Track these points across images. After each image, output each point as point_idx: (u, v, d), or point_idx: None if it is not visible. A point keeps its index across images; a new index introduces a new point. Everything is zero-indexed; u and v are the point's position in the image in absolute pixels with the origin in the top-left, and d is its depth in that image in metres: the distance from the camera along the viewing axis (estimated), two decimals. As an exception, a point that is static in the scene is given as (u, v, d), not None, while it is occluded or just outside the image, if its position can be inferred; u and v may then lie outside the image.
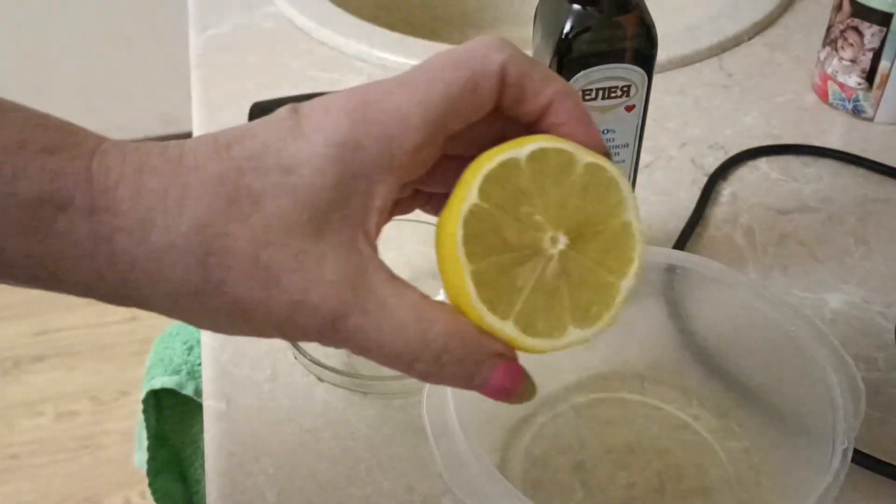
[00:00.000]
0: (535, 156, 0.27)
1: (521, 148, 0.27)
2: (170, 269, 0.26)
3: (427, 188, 0.32)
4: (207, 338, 0.50)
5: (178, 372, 0.67)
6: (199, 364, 0.67)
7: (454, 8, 0.95)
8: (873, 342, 0.49)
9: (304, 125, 0.28)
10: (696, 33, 0.75)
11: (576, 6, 0.42)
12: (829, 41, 0.66)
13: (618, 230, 0.28)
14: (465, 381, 0.28)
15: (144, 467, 0.72)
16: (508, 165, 0.27)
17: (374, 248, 0.28)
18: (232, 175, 0.27)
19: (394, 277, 0.28)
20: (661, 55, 0.45)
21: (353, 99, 0.28)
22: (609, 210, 0.28)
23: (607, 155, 0.29)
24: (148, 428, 0.70)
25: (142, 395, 0.68)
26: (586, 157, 0.27)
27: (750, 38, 0.77)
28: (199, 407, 0.67)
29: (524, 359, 0.29)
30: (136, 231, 0.26)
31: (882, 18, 0.61)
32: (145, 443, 0.71)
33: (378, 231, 0.29)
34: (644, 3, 0.43)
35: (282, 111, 0.29)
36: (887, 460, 0.42)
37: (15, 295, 1.72)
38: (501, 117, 0.30)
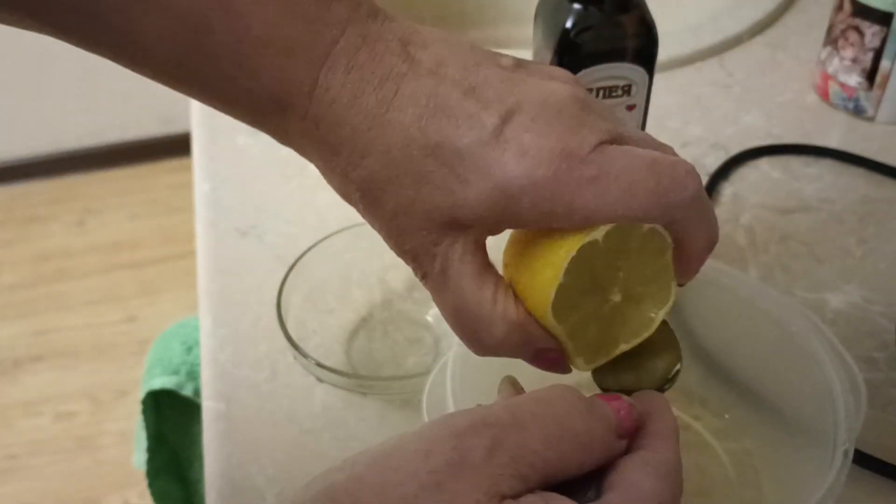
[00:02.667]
0: (610, 234, 0.31)
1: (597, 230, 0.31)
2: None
3: None
4: (207, 338, 0.50)
5: (177, 372, 0.67)
6: (199, 364, 0.67)
7: (454, 7, 0.95)
8: (874, 342, 0.49)
9: (501, 142, 0.29)
10: (697, 33, 0.75)
11: (577, 5, 0.42)
12: (830, 41, 0.66)
13: (662, 277, 0.33)
14: (517, 357, 0.33)
15: (143, 468, 0.72)
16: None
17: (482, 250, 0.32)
18: (416, 150, 0.29)
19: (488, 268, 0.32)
20: (662, 54, 0.44)
21: (555, 154, 0.29)
22: (657, 264, 0.32)
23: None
24: (147, 428, 0.70)
25: (141, 395, 0.68)
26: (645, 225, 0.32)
27: (751, 38, 0.76)
28: (199, 407, 0.67)
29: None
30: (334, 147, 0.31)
31: (882, 18, 0.61)
32: (144, 443, 0.71)
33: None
34: (645, 3, 0.43)
35: (490, 118, 0.29)
36: (887, 460, 0.42)
37: (15, 295, 1.72)
38: None
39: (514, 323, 0.32)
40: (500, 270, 0.33)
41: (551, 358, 0.33)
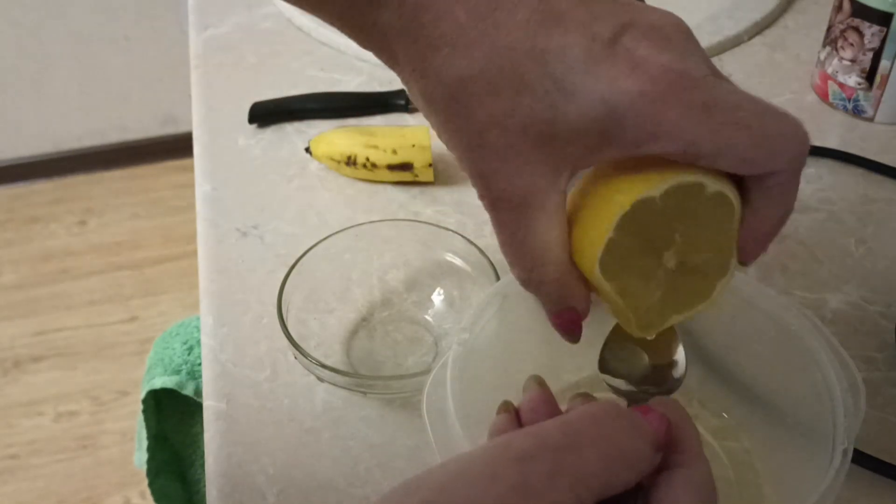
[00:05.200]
0: (669, 192, 0.30)
1: (660, 184, 0.30)
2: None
3: None
4: (208, 338, 0.50)
5: (178, 372, 0.67)
6: (199, 364, 0.67)
7: None
8: (873, 342, 0.49)
9: (612, 54, 0.28)
10: (697, 33, 0.74)
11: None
12: (830, 41, 0.66)
13: (723, 247, 0.32)
14: (546, 304, 0.34)
15: (144, 467, 0.72)
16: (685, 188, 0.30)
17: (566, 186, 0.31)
18: (522, 56, 0.28)
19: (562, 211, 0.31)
20: (661, 55, 0.45)
21: (668, 72, 0.28)
22: (719, 231, 0.31)
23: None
24: (148, 428, 0.70)
25: (142, 395, 0.68)
26: (714, 185, 0.30)
27: (750, 38, 0.77)
28: (199, 407, 0.67)
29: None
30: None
31: (882, 18, 0.61)
32: (145, 443, 0.71)
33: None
34: (645, 3, 0.43)
35: (604, 29, 0.28)
36: (887, 460, 0.42)
37: (16, 295, 1.72)
38: None
39: (565, 272, 0.32)
40: None
41: (572, 319, 0.33)
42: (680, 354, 0.37)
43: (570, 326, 0.34)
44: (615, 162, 0.31)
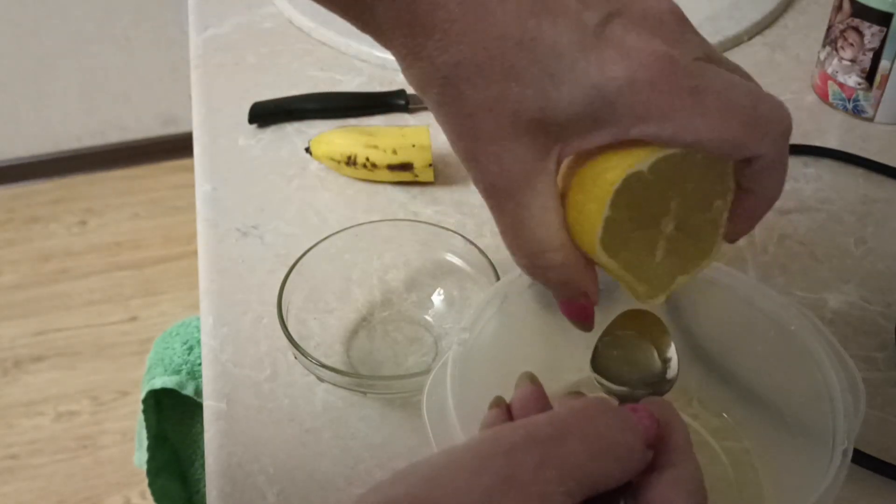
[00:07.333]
0: (656, 164, 0.30)
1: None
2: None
3: None
4: (208, 338, 0.50)
5: (178, 372, 0.67)
6: (199, 364, 0.67)
7: None
8: (873, 342, 0.49)
9: (602, 41, 0.28)
10: (696, 33, 0.75)
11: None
12: (829, 41, 0.66)
13: (718, 193, 0.32)
14: (556, 291, 0.34)
15: (144, 467, 0.72)
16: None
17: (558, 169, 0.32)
18: (512, 44, 0.29)
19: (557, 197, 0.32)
20: (661, 55, 0.45)
21: (657, 58, 0.28)
22: (715, 187, 0.32)
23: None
24: (148, 428, 0.70)
25: (142, 395, 0.69)
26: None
27: (750, 39, 0.77)
28: (199, 407, 0.67)
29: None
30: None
31: (882, 18, 0.61)
32: (145, 443, 0.71)
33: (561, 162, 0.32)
34: None
35: (592, 17, 0.29)
36: (887, 460, 0.42)
37: (16, 295, 1.72)
38: None
39: (569, 254, 0.32)
40: None
41: (583, 307, 0.34)
42: (672, 356, 0.37)
43: (581, 314, 0.34)
44: None
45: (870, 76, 0.64)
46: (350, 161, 0.59)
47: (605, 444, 0.26)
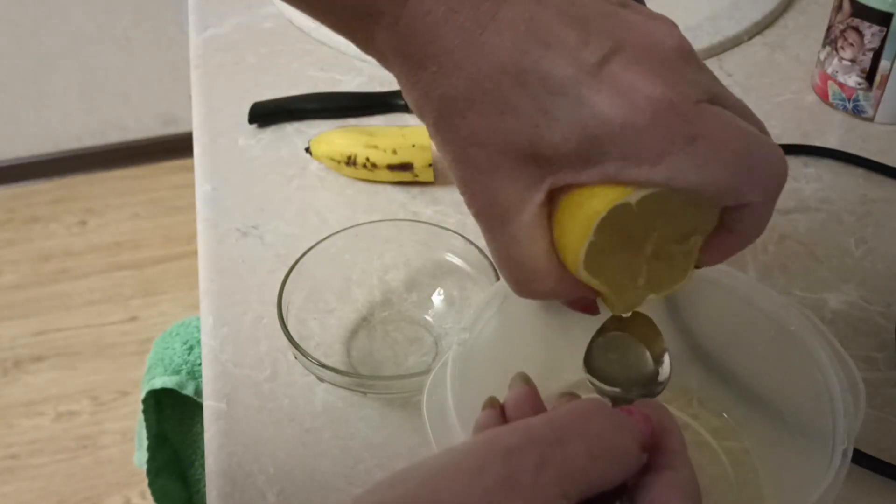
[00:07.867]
0: (645, 199, 0.30)
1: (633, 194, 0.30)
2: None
3: None
4: (208, 338, 0.50)
5: (178, 372, 0.67)
6: (200, 364, 0.67)
7: None
8: (873, 342, 0.49)
9: (597, 80, 0.28)
10: (696, 33, 0.75)
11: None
12: (829, 41, 0.66)
13: (699, 229, 0.33)
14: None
15: (144, 467, 0.72)
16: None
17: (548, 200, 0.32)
18: (505, 78, 0.28)
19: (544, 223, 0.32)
20: (661, 55, 0.45)
21: (653, 103, 0.28)
22: (696, 221, 0.32)
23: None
24: (148, 428, 0.70)
25: (142, 395, 0.69)
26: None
27: (750, 38, 0.77)
28: (200, 407, 0.67)
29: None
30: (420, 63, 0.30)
31: (882, 18, 0.61)
32: (145, 443, 0.71)
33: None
34: (644, 4, 0.43)
35: (592, 54, 0.28)
36: (887, 460, 0.42)
37: (16, 295, 1.72)
38: None
39: (557, 281, 0.33)
40: None
41: (584, 303, 0.35)
42: (665, 357, 0.37)
43: (583, 308, 0.36)
44: None
45: (870, 76, 0.64)
46: (350, 161, 0.59)
47: (602, 446, 0.26)
